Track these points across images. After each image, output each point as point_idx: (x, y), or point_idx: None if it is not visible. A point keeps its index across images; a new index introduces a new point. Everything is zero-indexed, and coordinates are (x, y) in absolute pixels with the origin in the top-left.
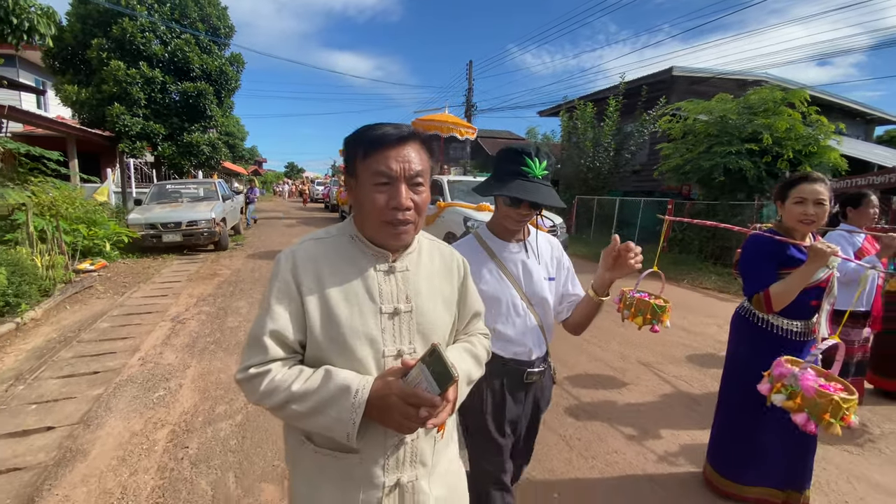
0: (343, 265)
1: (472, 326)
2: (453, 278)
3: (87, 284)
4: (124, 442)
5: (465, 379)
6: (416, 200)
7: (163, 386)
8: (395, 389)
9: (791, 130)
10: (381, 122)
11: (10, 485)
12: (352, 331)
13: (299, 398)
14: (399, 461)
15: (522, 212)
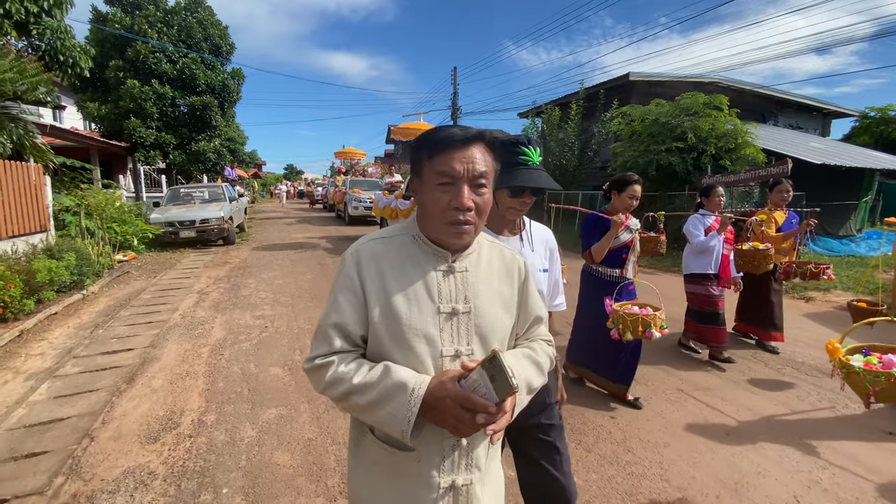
0: (404, 264)
1: (533, 331)
2: (513, 280)
3: (125, 270)
4: (181, 353)
5: (524, 387)
6: (477, 202)
7: (200, 327)
8: (451, 392)
9: (713, 130)
10: (448, 125)
11: (114, 375)
12: (410, 328)
13: (360, 390)
14: (455, 463)
15: (525, 200)
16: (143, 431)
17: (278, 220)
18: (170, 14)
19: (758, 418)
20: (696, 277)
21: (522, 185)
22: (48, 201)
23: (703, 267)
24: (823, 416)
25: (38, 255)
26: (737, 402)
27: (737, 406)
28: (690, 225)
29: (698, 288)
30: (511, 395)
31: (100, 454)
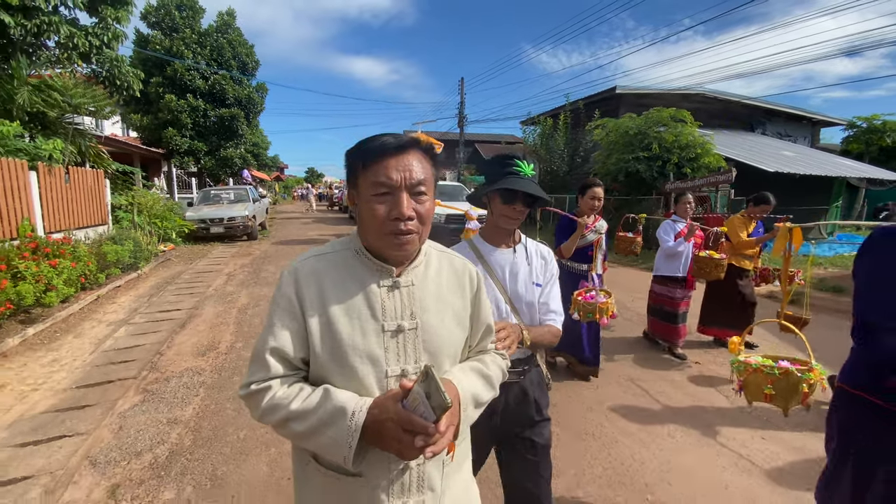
0: (346, 281)
1: (484, 342)
2: (465, 291)
3: (167, 258)
4: (217, 312)
5: (470, 401)
6: (418, 210)
7: (229, 297)
8: (392, 414)
9: (676, 141)
10: (382, 133)
11: (170, 323)
12: (353, 349)
13: (298, 417)
14: (405, 486)
15: (517, 208)
16: (195, 351)
17: (296, 219)
18: (203, 36)
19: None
20: (663, 279)
21: (513, 190)
22: (108, 200)
23: (671, 270)
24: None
25: (104, 242)
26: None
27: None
28: (661, 230)
29: (662, 289)
30: (445, 411)
31: (168, 361)
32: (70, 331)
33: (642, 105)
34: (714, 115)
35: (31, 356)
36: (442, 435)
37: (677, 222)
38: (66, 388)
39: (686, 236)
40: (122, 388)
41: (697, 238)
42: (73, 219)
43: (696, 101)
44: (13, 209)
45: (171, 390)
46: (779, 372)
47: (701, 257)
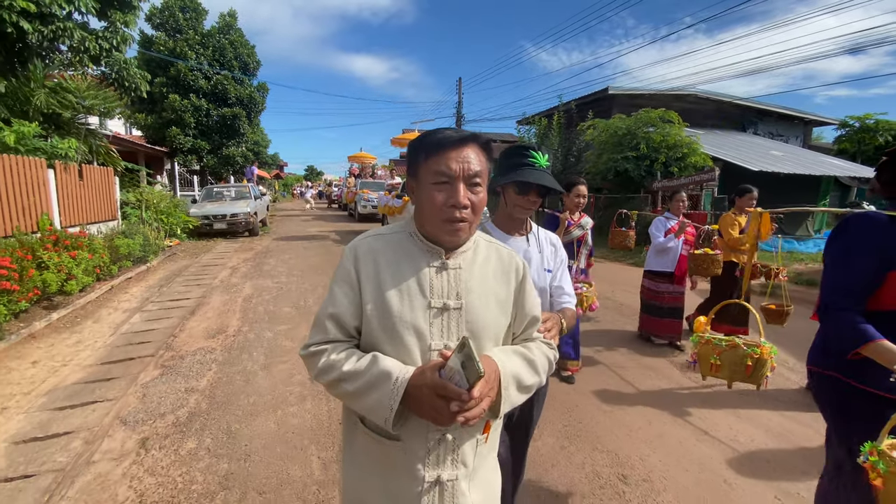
0: (399, 260)
1: (530, 331)
2: (510, 280)
3: (173, 252)
4: (223, 301)
5: (511, 381)
6: (472, 200)
7: (234, 287)
8: (428, 380)
9: (664, 141)
10: (443, 127)
11: (181, 311)
12: (401, 321)
13: (349, 378)
14: (440, 458)
15: (531, 198)
16: (205, 333)
17: (296, 217)
18: (206, 37)
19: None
20: (653, 274)
21: (528, 182)
22: (117, 196)
23: (662, 265)
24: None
25: (116, 236)
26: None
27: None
28: (653, 226)
29: (651, 284)
30: (479, 379)
31: (181, 342)
32: (89, 316)
33: (635, 105)
34: (707, 116)
35: (56, 338)
36: (476, 402)
37: (669, 219)
38: (92, 364)
39: (676, 233)
40: (142, 364)
41: (689, 236)
42: (86, 214)
43: (689, 102)
44: (33, 205)
45: (187, 366)
46: (725, 343)
47: (697, 255)
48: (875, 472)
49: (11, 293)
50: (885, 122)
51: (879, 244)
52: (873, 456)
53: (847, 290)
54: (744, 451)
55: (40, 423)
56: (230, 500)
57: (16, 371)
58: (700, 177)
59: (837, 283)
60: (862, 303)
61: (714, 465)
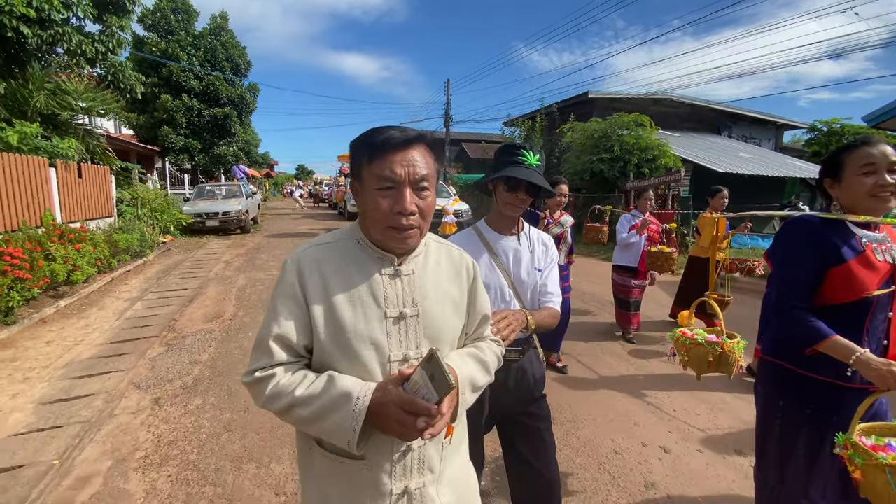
0: (348, 269)
1: (481, 330)
2: (462, 281)
3: (167, 248)
4: (219, 291)
5: (468, 385)
6: (420, 205)
7: (229, 279)
8: (394, 397)
9: (636, 143)
10: (387, 126)
11: (179, 300)
12: (356, 335)
13: (303, 403)
14: (406, 468)
15: (520, 196)
16: (204, 318)
17: (286, 215)
18: (198, 38)
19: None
20: (619, 268)
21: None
22: (113, 194)
23: (626, 260)
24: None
25: (114, 231)
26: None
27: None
28: (619, 224)
29: (618, 278)
30: (449, 392)
31: (182, 325)
32: (93, 304)
33: (614, 109)
34: (683, 119)
35: (65, 322)
36: (443, 416)
37: (635, 217)
38: (102, 343)
39: (639, 230)
40: (148, 343)
41: (653, 233)
42: (85, 211)
43: (665, 105)
44: (37, 201)
45: (189, 344)
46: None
47: (653, 252)
48: (853, 465)
49: (24, 281)
50: (850, 127)
51: (817, 245)
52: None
53: (796, 289)
54: (683, 419)
55: (62, 389)
56: (233, 439)
57: (32, 349)
58: (668, 177)
59: (786, 282)
60: (809, 300)
61: (648, 428)
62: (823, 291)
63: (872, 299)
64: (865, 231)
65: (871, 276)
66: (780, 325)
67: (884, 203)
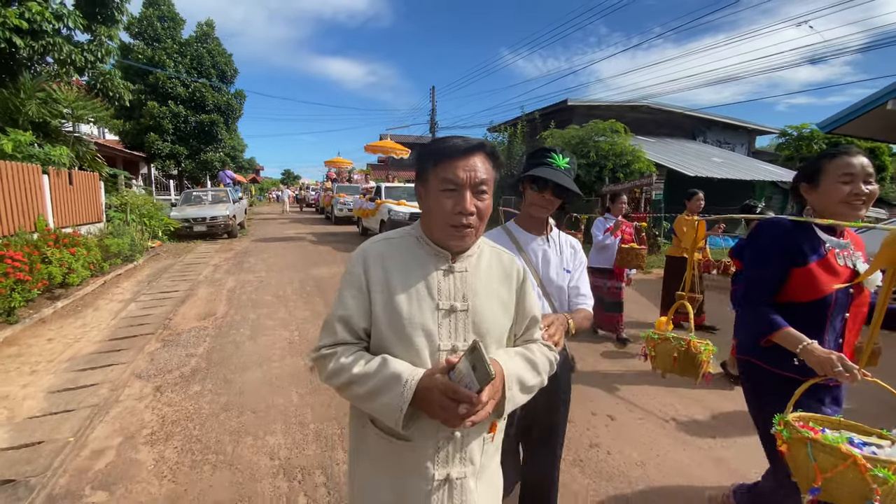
0: (408, 263)
1: (530, 332)
2: (512, 283)
3: (156, 253)
4: (209, 292)
5: (515, 382)
6: (479, 207)
7: (218, 282)
8: (438, 383)
9: (611, 149)
10: (452, 135)
11: (172, 301)
12: (411, 323)
13: (359, 380)
14: (449, 456)
15: (547, 196)
16: (196, 316)
17: (273, 220)
18: (184, 46)
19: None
20: (595, 270)
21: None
22: (102, 200)
23: (602, 262)
24: None
25: (105, 236)
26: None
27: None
28: (594, 227)
29: (595, 280)
30: (488, 381)
31: (176, 323)
32: (89, 306)
33: (593, 116)
34: (659, 125)
35: (64, 322)
36: (483, 405)
37: (608, 220)
38: (102, 340)
39: (612, 231)
40: (146, 339)
41: (626, 235)
42: (76, 216)
43: (642, 112)
44: (31, 207)
45: (184, 339)
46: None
47: (623, 248)
48: (781, 440)
49: (24, 283)
50: (819, 132)
51: (784, 245)
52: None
53: (761, 286)
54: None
55: (68, 379)
56: (231, 417)
57: (35, 346)
58: (640, 181)
59: (754, 279)
60: (774, 296)
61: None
62: (787, 289)
63: (831, 300)
64: (830, 237)
65: (830, 279)
66: (746, 318)
67: (855, 211)
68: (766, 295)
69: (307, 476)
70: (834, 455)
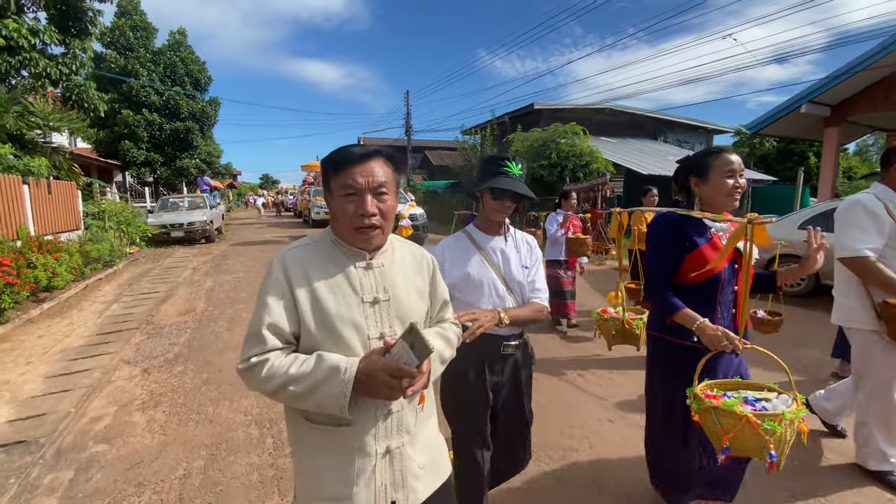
0: (327, 265)
1: (443, 314)
2: (424, 273)
3: (135, 258)
4: (189, 292)
5: (437, 356)
6: (381, 208)
7: (197, 283)
8: (380, 365)
9: (571, 150)
10: (350, 144)
11: (153, 300)
12: (339, 318)
13: (296, 380)
14: (388, 430)
15: (505, 203)
16: (177, 313)
17: (251, 225)
18: (157, 54)
19: None
20: (550, 262)
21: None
22: (80, 208)
23: (555, 254)
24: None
25: (85, 242)
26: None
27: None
28: (547, 222)
29: (550, 271)
30: (429, 355)
31: (159, 319)
32: (73, 307)
33: (559, 118)
34: (622, 126)
35: (51, 321)
36: (423, 376)
37: (559, 215)
38: (89, 335)
39: (561, 224)
40: (131, 333)
41: (576, 228)
42: (55, 224)
43: (606, 115)
44: (13, 216)
45: (167, 331)
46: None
47: (570, 238)
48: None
49: (13, 286)
50: None
51: (675, 235)
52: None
53: (660, 273)
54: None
55: (62, 367)
56: (211, 389)
57: (27, 342)
58: (596, 181)
59: (653, 268)
60: (672, 280)
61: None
62: (683, 272)
63: (720, 277)
64: (715, 222)
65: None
66: (651, 301)
67: (734, 201)
68: (665, 279)
69: (274, 424)
70: (732, 417)
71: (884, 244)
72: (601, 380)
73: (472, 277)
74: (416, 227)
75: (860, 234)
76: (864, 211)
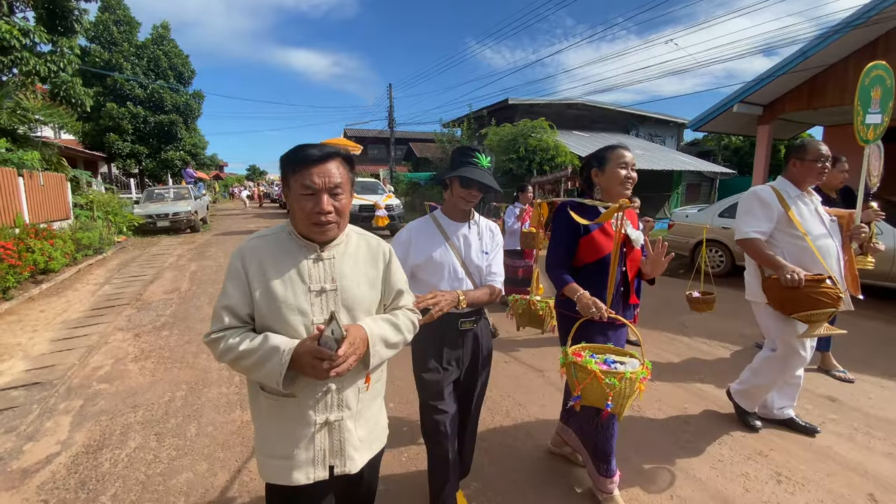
0: (280, 255)
1: (398, 301)
2: (378, 263)
3: (123, 246)
4: (174, 275)
5: (378, 340)
6: (336, 206)
7: (183, 267)
8: (307, 348)
9: (538, 145)
10: (308, 144)
11: (141, 282)
12: (286, 305)
13: (246, 355)
14: (328, 404)
15: (473, 192)
16: (164, 291)
17: (236, 215)
18: (141, 48)
19: None
20: (508, 252)
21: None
22: (69, 199)
23: (513, 244)
24: None
25: (76, 230)
26: None
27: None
28: (506, 214)
29: (508, 261)
30: (342, 341)
31: (147, 296)
32: (68, 288)
33: (533, 113)
34: (594, 121)
35: (50, 300)
36: (343, 359)
37: (517, 207)
38: (85, 309)
39: (518, 217)
40: (123, 308)
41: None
42: (47, 213)
43: (579, 109)
44: (10, 206)
45: (155, 306)
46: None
47: (524, 231)
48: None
49: (16, 268)
50: None
51: (571, 222)
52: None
53: (556, 254)
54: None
55: (65, 333)
56: (192, 346)
57: (31, 315)
58: (558, 174)
59: (552, 251)
60: (568, 262)
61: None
62: (579, 255)
63: (609, 258)
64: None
65: (608, 241)
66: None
67: (626, 190)
68: (559, 260)
69: None
70: (585, 371)
71: (772, 228)
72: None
73: (434, 260)
74: (393, 217)
75: (751, 219)
76: (757, 200)
